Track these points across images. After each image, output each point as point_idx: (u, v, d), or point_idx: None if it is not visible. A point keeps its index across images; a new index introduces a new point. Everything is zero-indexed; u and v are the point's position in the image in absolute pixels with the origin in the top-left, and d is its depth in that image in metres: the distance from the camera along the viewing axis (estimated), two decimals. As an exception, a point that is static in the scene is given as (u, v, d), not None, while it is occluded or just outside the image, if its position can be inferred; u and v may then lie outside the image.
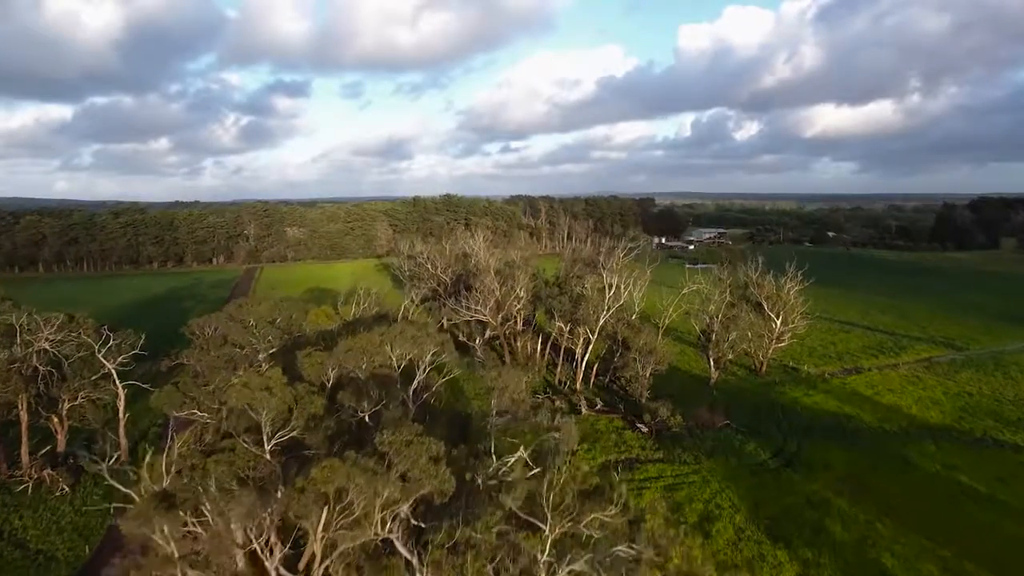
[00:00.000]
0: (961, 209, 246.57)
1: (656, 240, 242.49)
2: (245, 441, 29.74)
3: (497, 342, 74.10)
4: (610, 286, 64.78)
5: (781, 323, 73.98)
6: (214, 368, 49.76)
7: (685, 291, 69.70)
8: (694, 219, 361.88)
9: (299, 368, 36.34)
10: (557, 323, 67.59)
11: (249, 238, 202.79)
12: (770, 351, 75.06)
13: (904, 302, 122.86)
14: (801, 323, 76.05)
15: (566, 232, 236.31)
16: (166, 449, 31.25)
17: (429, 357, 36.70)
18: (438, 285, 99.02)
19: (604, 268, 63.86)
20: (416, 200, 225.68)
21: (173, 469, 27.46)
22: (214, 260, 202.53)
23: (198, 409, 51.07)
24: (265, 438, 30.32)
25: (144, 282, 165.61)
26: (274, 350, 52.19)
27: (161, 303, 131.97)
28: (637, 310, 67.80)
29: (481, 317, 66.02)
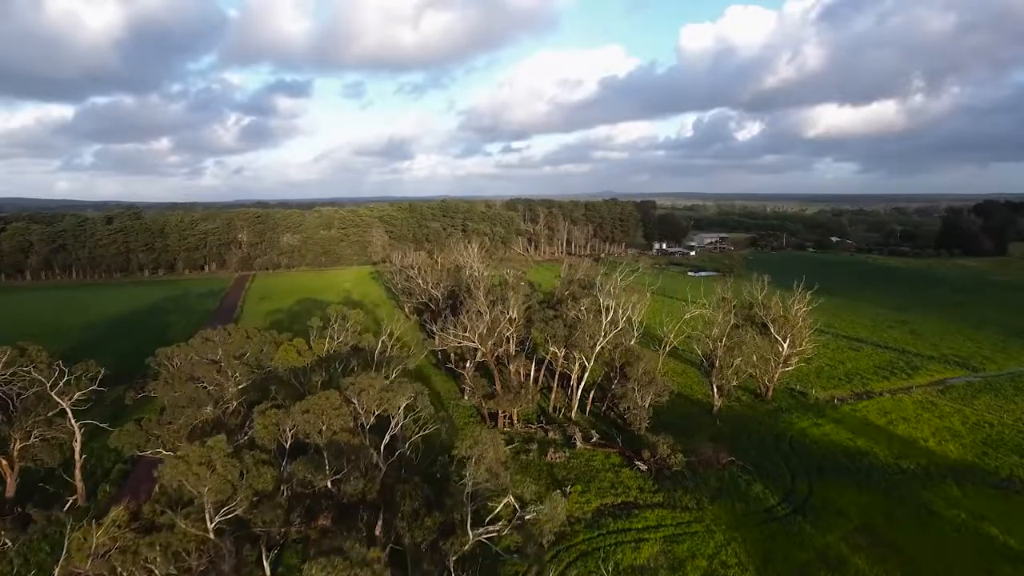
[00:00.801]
0: (967, 214, 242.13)
1: (657, 246, 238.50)
2: (184, 521, 25.79)
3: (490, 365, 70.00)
4: (607, 309, 60.83)
5: (788, 346, 69.96)
6: (177, 407, 45.84)
7: (687, 316, 65.77)
8: (695, 222, 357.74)
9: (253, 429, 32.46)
10: (552, 348, 63.64)
11: (242, 245, 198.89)
12: (776, 375, 71.02)
13: (914, 315, 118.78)
14: (809, 346, 71.98)
15: (565, 238, 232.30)
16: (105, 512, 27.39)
17: (402, 411, 32.72)
18: (429, 300, 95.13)
19: (601, 292, 59.85)
20: (412, 206, 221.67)
21: (89, 565, 23.51)
22: (206, 267, 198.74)
23: (163, 448, 47.47)
24: (207, 517, 26.38)
25: (132, 292, 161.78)
26: (243, 385, 48.36)
27: (146, 316, 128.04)
28: (636, 335, 63.82)
29: (470, 343, 62.04)
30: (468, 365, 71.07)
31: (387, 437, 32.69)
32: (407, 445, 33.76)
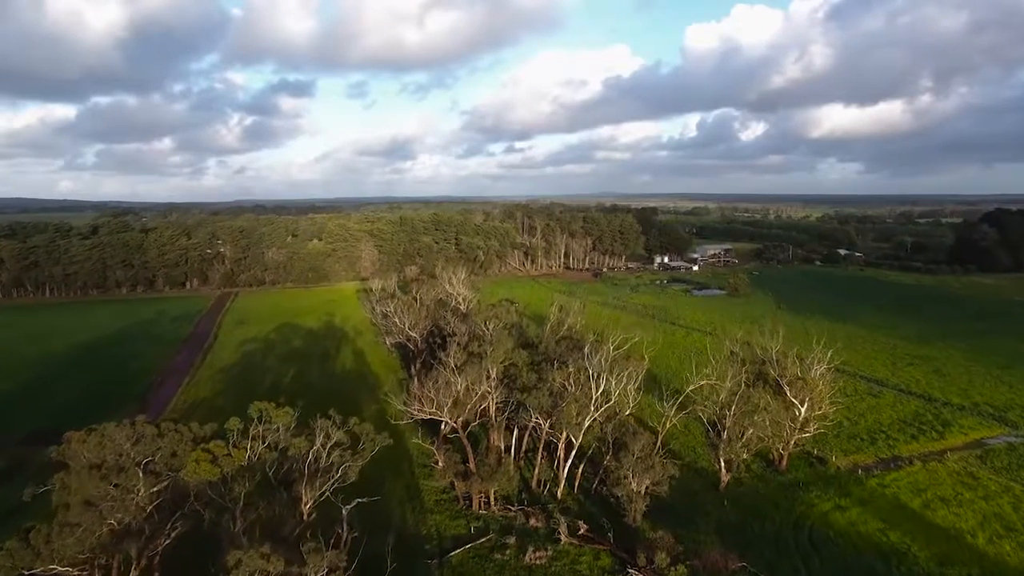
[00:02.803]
0: (980, 225, 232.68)
1: (659, 260, 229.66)
2: None
3: (467, 433, 61.35)
4: (599, 378, 52.21)
5: (806, 410, 61.25)
6: (67, 525, 37.39)
7: (691, 388, 57.01)
8: (698, 231, 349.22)
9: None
10: (535, 419, 55.02)
11: (225, 260, 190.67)
12: (792, 442, 62.36)
13: (935, 348, 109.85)
14: (831, 409, 63.27)
15: (563, 252, 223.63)
16: None
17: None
18: (407, 340, 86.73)
19: (591, 363, 51.24)
20: (403, 219, 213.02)
21: None
22: (188, 284, 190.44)
23: (58, 564, 39.12)
24: None
25: (104, 312, 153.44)
26: (155, 490, 39.89)
27: (112, 344, 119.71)
28: (632, 406, 55.17)
29: (438, 417, 53.56)
30: (442, 427, 62.52)
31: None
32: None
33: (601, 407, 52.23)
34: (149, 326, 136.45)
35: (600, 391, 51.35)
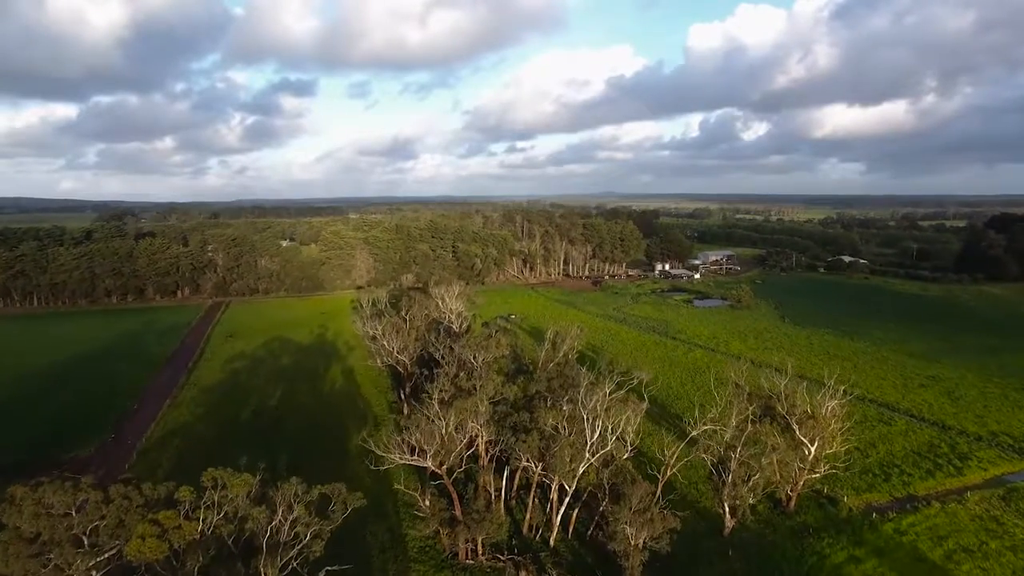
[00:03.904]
0: (987, 232, 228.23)
1: (659, 267, 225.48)
2: None
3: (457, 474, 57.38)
4: (592, 421, 48.28)
5: (816, 448, 57.30)
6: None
7: (695, 432, 52.89)
8: (700, 235, 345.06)
9: None
10: (524, 461, 51.07)
11: (217, 268, 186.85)
12: (801, 482, 58.43)
13: (946, 367, 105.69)
14: (843, 448, 59.31)
15: (562, 258, 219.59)
16: None
17: None
18: (396, 363, 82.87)
19: (585, 408, 47.30)
20: (399, 227, 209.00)
21: None
22: (178, 293, 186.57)
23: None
24: None
25: (90, 324, 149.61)
26: (98, 561, 35.89)
27: (95, 360, 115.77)
28: (630, 449, 51.19)
29: (421, 463, 49.66)
30: (428, 469, 58.59)
31: None
32: None
33: (597, 452, 48.29)
34: (135, 339, 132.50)
35: (596, 435, 47.42)
